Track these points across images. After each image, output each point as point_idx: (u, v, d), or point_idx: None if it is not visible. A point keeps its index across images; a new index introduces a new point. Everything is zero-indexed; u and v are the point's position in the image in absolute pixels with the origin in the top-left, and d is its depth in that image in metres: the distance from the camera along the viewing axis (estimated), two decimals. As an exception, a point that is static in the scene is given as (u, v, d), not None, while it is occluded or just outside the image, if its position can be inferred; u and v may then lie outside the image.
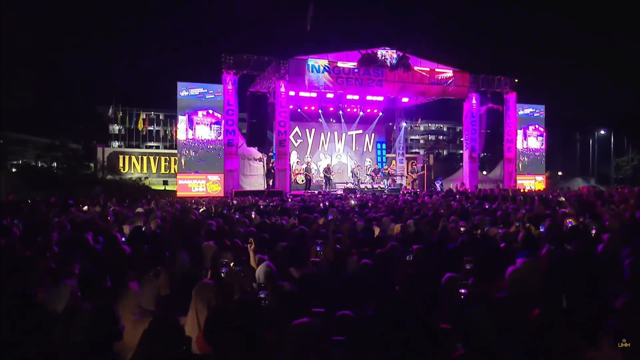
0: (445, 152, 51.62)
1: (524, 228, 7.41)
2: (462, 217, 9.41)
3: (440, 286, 4.14)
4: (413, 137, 55.68)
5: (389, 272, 4.95)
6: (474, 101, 24.07)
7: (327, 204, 13.46)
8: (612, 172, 38.69)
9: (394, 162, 29.85)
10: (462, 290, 3.69)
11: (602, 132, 39.17)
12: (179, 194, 20.57)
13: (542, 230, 7.44)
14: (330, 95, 24.74)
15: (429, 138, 56.65)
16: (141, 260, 5.31)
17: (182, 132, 21.09)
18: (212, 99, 21.09)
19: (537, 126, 26.67)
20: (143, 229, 8.14)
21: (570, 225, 7.50)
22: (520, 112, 25.76)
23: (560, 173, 36.96)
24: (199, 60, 67.73)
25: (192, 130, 21.13)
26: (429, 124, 54.61)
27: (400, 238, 7.00)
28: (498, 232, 7.26)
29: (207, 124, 21.21)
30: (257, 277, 4.15)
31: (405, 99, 26.27)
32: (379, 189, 23.78)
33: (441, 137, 57.55)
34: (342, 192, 22.02)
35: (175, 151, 22.82)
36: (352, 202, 14.76)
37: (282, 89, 20.87)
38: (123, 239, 6.85)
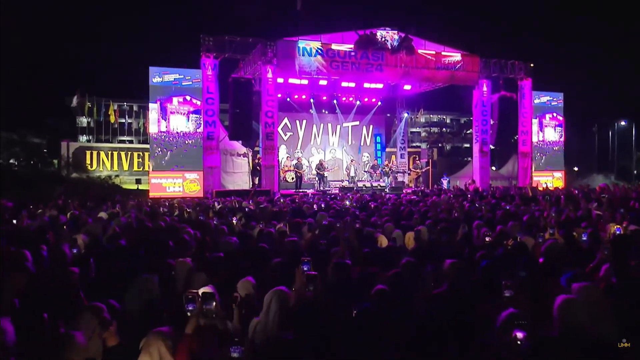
0: (448, 147, 51.01)
1: (566, 237, 6.69)
2: (486, 223, 8.70)
3: (484, 324, 3.41)
4: (413, 130, 55.07)
5: (410, 302, 4.20)
6: (484, 88, 23.52)
7: (322, 205, 12.67)
8: (633, 167, 38.33)
9: (393, 157, 29.33)
10: (519, 334, 2.91)
11: (623, 123, 38.75)
12: (151, 194, 19.84)
13: (584, 238, 6.71)
14: (323, 82, 24.27)
15: (432, 130, 55.99)
16: (92, 288, 4.52)
17: (153, 123, 20.25)
18: (189, 86, 20.34)
19: (555, 114, 26.04)
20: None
21: (618, 232, 6.77)
22: (536, 101, 25.20)
23: (576, 168, 36.53)
24: (175, 43, 65.98)
25: (165, 121, 20.26)
26: (431, 115, 53.98)
27: (415, 251, 6.23)
28: (536, 242, 6.51)
29: (184, 113, 20.38)
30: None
31: (407, 87, 25.81)
32: (379, 187, 23.18)
33: (445, 129, 56.95)
34: (337, 191, 21.36)
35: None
36: (347, 202, 14.08)
37: (269, 75, 20.26)
38: (75, 252, 6.00)
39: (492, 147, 24.93)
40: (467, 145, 58.21)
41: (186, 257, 5.40)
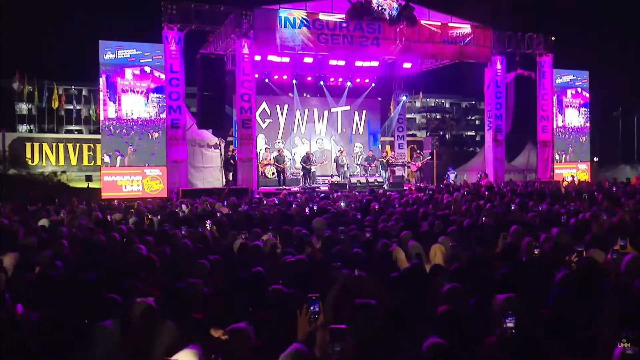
0: (448, 135, 50.51)
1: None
2: (527, 229, 7.91)
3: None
4: (409, 116, 54.63)
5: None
6: (498, 66, 22.92)
7: (314, 208, 11.76)
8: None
9: (388, 147, 28.72)
10: None
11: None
12: (104, 194, 18.86)
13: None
14: (308, 60, 23.62)
15: (430, 116, 55.41)
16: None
17: (105, 107, 19.21)
18: (148, 64, 19.32)
19: (579, 90, 25.42)
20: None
21: None
22: (558, 81, 24.64)
23: (596, 159, 36.16)
24: (132, 12, 63.86)
25: (114, 103, 19.13)
26: (428, 99, 53.37)
27: (457, 274, 5.34)
28: (609, 257, 5.70)
29: (141, 92, 19.31)
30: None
31: (407, 65, 25.32)
32: (376, 183, 22.46)
33: (446, 115, 56.44)
34: (327, 189, 20.58)
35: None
36: (342, 204, 13.34)
37: (245, 51, 19.55)
38: None
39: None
40: (472, 132, 58.11)
41: (150, 290, 4.46)
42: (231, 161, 21.67)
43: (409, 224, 8.97)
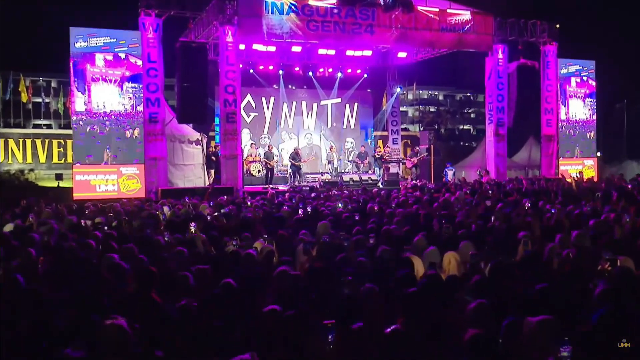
0: (443, 129, 50.31)
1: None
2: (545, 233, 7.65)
3: None
4: (401, 109, 54.49)
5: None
6: (500, 55, 22.69)
7: (308, 210, 11.39)
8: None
9: (380, 142, 28.54)
10: None
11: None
12: (75, 195, 18.35)
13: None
14: (297, 49, 23.56)
15: (425, 109, 55.18)
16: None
17: (71, 96, 18.79)
18: (124, 52, 18.88)
19: (584, 78, 25.25)
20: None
21: None
22: (563, 71, 24.41)
23: (599, 154, 36.10)
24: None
25: (83, 94, 18.47)
26: (420, 91, 53.10)
27: (477, 287, 5.01)
28: None
29: (114, 81, 18.71)
30: None
31: (402, 54, 25.12)
32: (370, 181, 22.18)
33: (441, 108, 56.24)
34: (318, 187, 20.29)
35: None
36: (340, 205, 12.99)
37: (229, 39, 19.14)
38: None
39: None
40: (467, 126, 57.99)
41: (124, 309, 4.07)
42: (213, 158, 21.39)
43: (416, 227, 8.65)
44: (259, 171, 23.15)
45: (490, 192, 15.99)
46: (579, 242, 7.26)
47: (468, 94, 59.33)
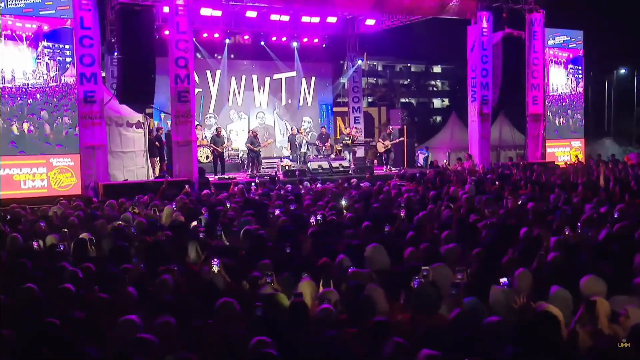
0: (397, 103, 49.82)
1: None
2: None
3: None
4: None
5: None
6: (484, 24, 22.16)
7: (318, 218, 10.02)
8: (634, 128, 39.12)
9: (339, 119, 27.79)
10: None
11: (623, 71, 39.07)
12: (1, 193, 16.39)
13: None
14: (251, 14, 22.36)
15: (379, 82, 54.55)
16: None
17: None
18: (51, 16, 16.96)
19: (568, 53, 24.86)
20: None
21: None
22: (550, 42, 24.09)
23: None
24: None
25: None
26: (374, 62, 52.33)
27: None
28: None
29: (26, 38, 16.47)
30: None
31: (370, 21, 24.43)
32: (341, 168, 21.32)
33: (396, 80, 55.81)
34: (282, 177, 19.57)
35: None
36: (343, 202, 12.18)
37: (180, 1, 17.87)
38: None
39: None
40: (426, 100, 57.93)
41: None
42: (157, 143, 20.00)
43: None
44: (207, 157, 21.87)
45: (497, 182, 15.30)
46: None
47: (430, 66, 59.46)
